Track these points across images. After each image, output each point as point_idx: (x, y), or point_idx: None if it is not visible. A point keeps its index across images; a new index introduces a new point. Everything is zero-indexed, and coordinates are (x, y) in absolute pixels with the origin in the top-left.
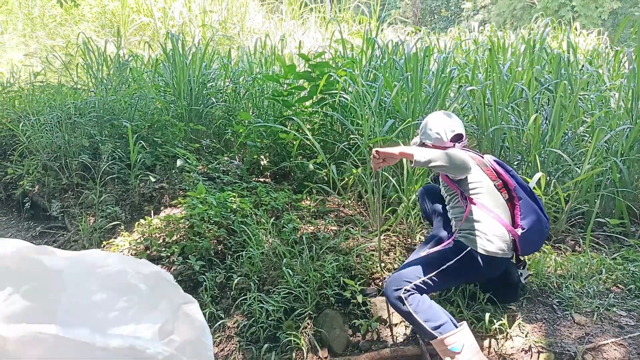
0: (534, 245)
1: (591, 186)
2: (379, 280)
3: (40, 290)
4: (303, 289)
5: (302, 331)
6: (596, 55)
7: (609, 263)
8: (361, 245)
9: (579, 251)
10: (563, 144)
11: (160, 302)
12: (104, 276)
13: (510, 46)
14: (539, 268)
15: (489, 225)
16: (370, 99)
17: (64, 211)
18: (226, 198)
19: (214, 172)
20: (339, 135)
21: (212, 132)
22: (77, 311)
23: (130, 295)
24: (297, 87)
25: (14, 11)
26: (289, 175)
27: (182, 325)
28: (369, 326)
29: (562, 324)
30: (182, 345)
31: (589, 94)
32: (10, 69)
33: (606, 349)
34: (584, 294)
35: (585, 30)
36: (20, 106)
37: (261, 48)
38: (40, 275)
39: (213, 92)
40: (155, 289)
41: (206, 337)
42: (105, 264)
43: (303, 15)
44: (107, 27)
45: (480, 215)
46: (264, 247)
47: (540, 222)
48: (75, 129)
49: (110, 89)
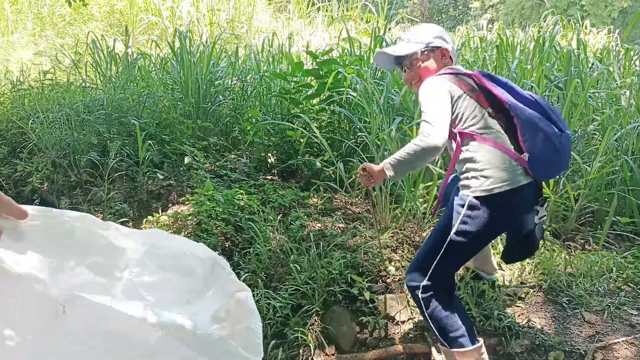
0: (554, 167)
1: (601, 185)
2: (387, 277)
3: (104, 265)
4: (310, 285)
5: (309, 328)
6: (606, 53)
7: (620, 261)
8: (369, 243)
9: (588, 250)
10: (573, 142)
11: (215, 288)
12: (163, 256)
13: (519, 44)
14: (548, 266)
15: (482, 158)
16: (378, 97)
17: (73, 208)
18: (234, 195)
19: (221, 170)
20: (346, 132)
21: (220, 130)
22: (134, 288)
23: (186, 278)
24: (304, 85)
25: (23, 11)
26: (296, 173)
27: (234, 311)
28: (377, 323)
29: (572, 323)
30: (233, 331)
31: (599, 91)
32: (20, 68)
33: (617, 348)
34: (594, 292)
35: (595, 29)
36: (30, 104)
37: (268, 46)
38: (105, 250)
39: (221, 90)
40: (211, 274)
41: (257, 325)
42: (165, 245)
43: (310, 14)
44: (116, 26)
45: (471, 150)
46: (271, 244)
47: (549, 140)
48: (84, 126)
49: (119, 87)
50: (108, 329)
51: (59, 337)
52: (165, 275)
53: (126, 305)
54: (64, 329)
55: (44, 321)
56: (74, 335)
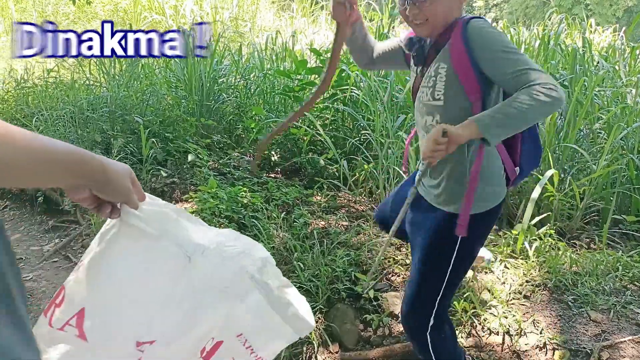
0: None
1: (607, 183)
2: (391, 275)
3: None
4: (314, 283)
5: None
6: (612, 51)
7: (626, 260)
8: (373, 241)
9: (594, 248)
10: (578, 141)
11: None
12: (227, 256)
13: (523, 42)
14: (553, 264)
15: (491, 165)
16: (382, 94)
17: (76, 205)
18: (237, 193)
19: (224, 168)
20: (350, 130)
21: (223, 128)
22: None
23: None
24: (308, 83)
25: (27, 9)
26: (299, 171)
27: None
28: (381, 321)
29: (577, 321)
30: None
31: (605, 89)
32: (24, 66)
33: (623, 347)
34: (600, 291)
35: (600, 28)
36: (34, 102)
37: (272, 44)
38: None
39: (224, 88)
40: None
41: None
42: (232, 244)
43: (314, 13)
44: (120, 24)
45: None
46: (275, 241)
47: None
48: (88, 124)
49: (122, 85)
50: (221, 275)
51: (186, 282)
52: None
53: (232, 261)
54: (191, 276)
55: (176, 271)
56: (199, 280)
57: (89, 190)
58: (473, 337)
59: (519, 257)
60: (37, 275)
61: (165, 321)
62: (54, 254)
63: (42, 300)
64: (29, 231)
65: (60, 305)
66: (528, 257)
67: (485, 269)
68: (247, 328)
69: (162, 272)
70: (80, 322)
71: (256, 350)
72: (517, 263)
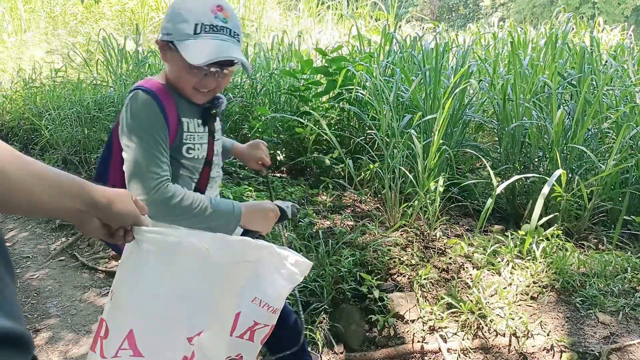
0: None
1: (615, 183)
2: (396, 275)
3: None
4: (319, 283)
5: (317, 326)
6: (620, 50)
7: (635, 262)
8: (378, 241)
9: (602, 249)
10: (586, 140)
11: None
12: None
13: (530, 41)
14: (561, 265)
15: None
16: (387, 94)
17: None
18: (242, 192)
19: (230, 167)
20: (355, 130)
21: (229, 128)
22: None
23: None
24: (314, 82)
25: (36, 10)
26: (305, 170)
27: None
28: (386, 322)
29: (585, 323)
30: None
31: (614, 89)
32: (33, 66)
33: (632, 350)
34: (609, 292)
35: (608, 26)
36: (42, 101)
37: (278, 44)
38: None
39: (230, 87)
40: (281, 270)
41: None
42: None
43: (320, 13)
44: (127, 24)
45: None
46: (280, 241)
47: None
48: (95, 123)
49: (129, 85)
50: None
51: (212, 269)
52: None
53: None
54: (214, 262)
55: (200, 263)
56: (220, 264)
57: (97, 220)
58: (479, 338)
59: (526, 258)
60: (44, 273)
61: (205, 309)
62: (61, 253)
63: (48, 299)
64: (35, 230)
65: (106, 336)
66: (535, 258)
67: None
68: (258, 289)
69: (189, 269)
70: (132, 342)
71: (268, 303)
72: (524, 264)
